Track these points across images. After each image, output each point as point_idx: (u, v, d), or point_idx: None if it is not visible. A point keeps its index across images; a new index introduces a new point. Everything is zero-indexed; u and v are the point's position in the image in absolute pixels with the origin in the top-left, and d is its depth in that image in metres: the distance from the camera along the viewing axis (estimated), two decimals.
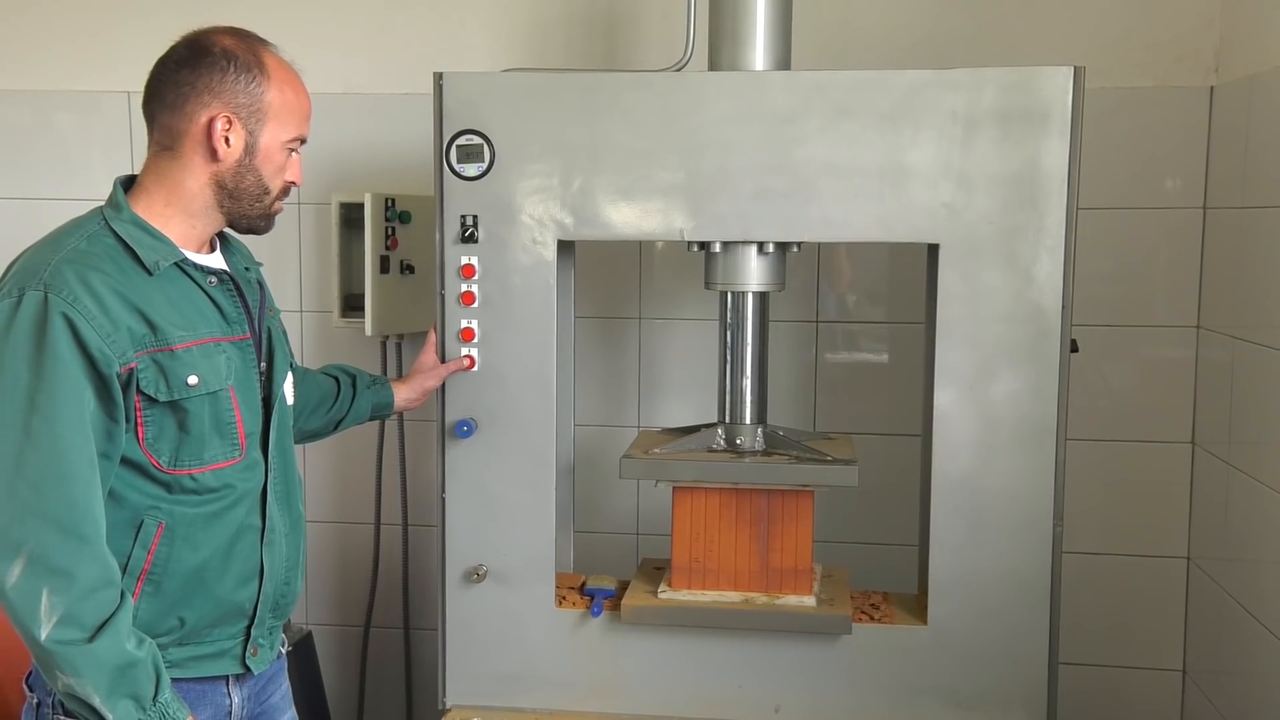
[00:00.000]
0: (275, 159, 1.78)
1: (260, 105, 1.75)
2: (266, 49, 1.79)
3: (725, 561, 2.30)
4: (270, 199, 1.81)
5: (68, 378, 1.59)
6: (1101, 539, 2.80)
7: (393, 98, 2.92)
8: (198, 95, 1.72)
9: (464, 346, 2.29)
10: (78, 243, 1.69)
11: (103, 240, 1.70)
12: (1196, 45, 2.68)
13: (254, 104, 1.74)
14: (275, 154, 1.78)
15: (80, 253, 1.67)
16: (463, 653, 2.35)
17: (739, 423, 2.36)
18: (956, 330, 2.18)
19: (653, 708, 2.31)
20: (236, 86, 1.73)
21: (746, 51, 2.27)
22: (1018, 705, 2.22)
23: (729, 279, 2.30)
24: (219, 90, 1.72)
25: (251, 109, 1.74)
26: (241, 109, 1.73)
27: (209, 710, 1.78)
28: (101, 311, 1.62)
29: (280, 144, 1.78)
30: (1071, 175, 2.12)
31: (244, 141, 1.74)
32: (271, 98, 1.75)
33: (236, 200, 1.77)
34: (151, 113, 1.77)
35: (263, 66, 1.75)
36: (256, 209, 1.80)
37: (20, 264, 1.69)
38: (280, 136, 1.78)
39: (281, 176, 1.81)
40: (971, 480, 2.20)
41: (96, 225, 1.72)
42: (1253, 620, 2.39)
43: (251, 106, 1.74)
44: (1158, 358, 2.76)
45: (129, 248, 1.70)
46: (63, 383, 1.59)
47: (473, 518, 2.32)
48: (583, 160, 2.22)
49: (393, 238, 2.76)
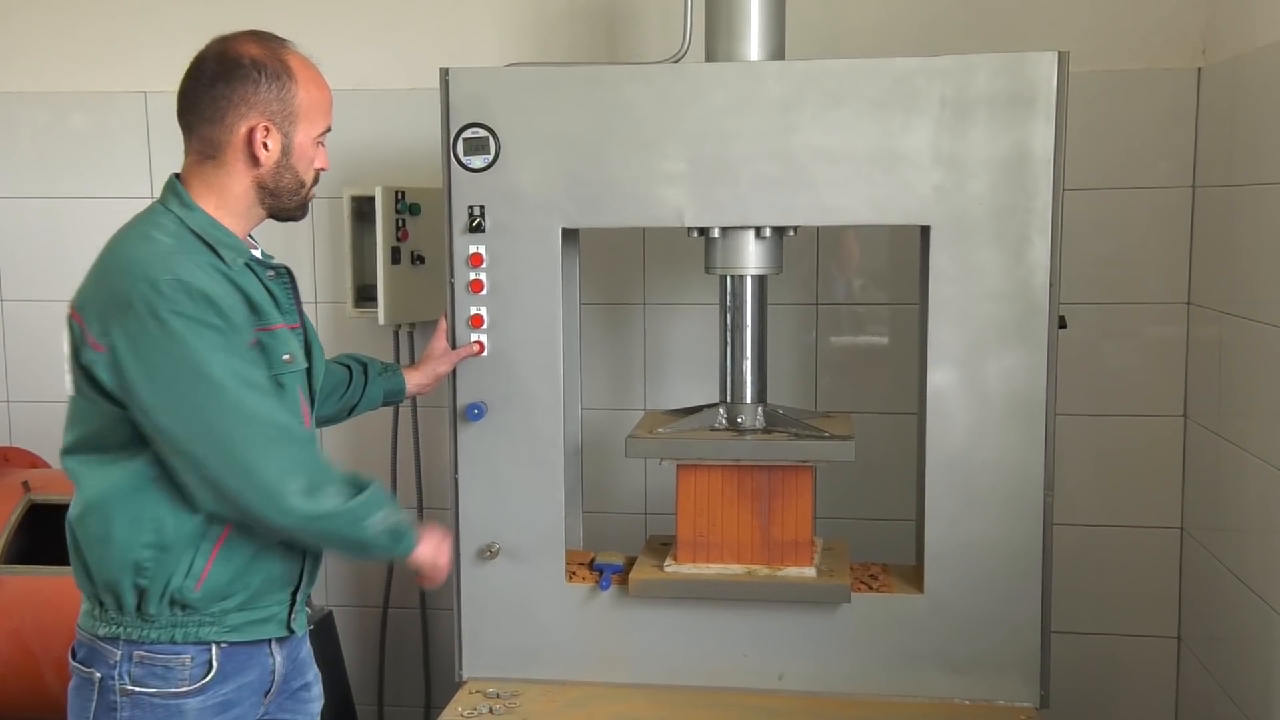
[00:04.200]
0: (308, 154, 1.90)
1: (291, 108, 1.85)
2: (288, 50, 1.89)
3: (729, 536, 2.38)
4: (306, 190, 1.93)
5: (228, 345, 1.74)
6: (1098, 511, 2.87)
7: (400, 93, 2.99)
8: (234, 108, 1.83)
9: (474, 333, 2.37)
10: (165, 239, 1.79)
11: (186, 237, 1.80)
12: (1184, 28, 2.74)
13: (286, 109, 1.85)
14: (308, 149, 1.90)
15: (176, 249, 1.77)
16: (477, 627, 2.44)
17: (740, 402, 2.43)
18: (948, 309, 2.25)
19: (660, 677, 2.39)
20: (270, 95, 1.83)
21: (742, 42, 2.34)
22: (1012, 670, 2.30)
23: (728, 263, 2.37)
24: (254, 101, 1.83)
25: (284, 113, 1.85)
26: (276, 115, 1.84)
27: (256, 671, 1.89)
28: (226, 293, 1.76)
29: (311, 139, 1.90)
30: (1058, 157, 2.19)
31: (280, 144, 1.86)
32: (301, 99, 1.86)
33: (277, 196, 1.89)
34: (188, 124, 1.87)
35: (289, 70, 1.85)
36: (294, 201, 1.92)
37: (118, 282, 1.73)
38: (311, 133, 1.89)
39: (311, 170, 1.93)
40: (965, 454, 2.27)
41: (174, 224, 1.82)
42: (1243, 587, 2.46)
43: (284, 111, 1.85)
44: (1150, 334, 2.83)
45: (207, 244, 1.81)
46: (224, 350, 1.74)
47: (485, 498, 2.41)
48: (585, 151, 2.29)
49: (403, 229, 2.84)
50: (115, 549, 1.77)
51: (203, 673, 1.81)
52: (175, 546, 1.77)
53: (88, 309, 1.76)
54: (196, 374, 1.71)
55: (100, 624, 1.82)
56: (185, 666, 1.80)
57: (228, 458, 1.73)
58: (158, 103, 3.13)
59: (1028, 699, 2.30)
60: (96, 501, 1.79)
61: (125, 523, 1.77)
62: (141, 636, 1.79)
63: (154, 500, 1.77)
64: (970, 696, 2.31)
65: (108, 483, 1.78)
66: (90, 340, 1.74)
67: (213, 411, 1.72)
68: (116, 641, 1.80)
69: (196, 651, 1.81)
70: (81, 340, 1.75)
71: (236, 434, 1.73)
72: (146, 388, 1.71)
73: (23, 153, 3.22)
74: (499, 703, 2.33)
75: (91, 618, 1.84)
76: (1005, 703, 2.30)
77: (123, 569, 1.77)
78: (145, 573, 1.77)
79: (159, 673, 1.79)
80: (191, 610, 1.80)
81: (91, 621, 1.83)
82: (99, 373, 1.73)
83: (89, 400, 1.77)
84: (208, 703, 1.82)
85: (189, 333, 1.71)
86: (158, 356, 1.71)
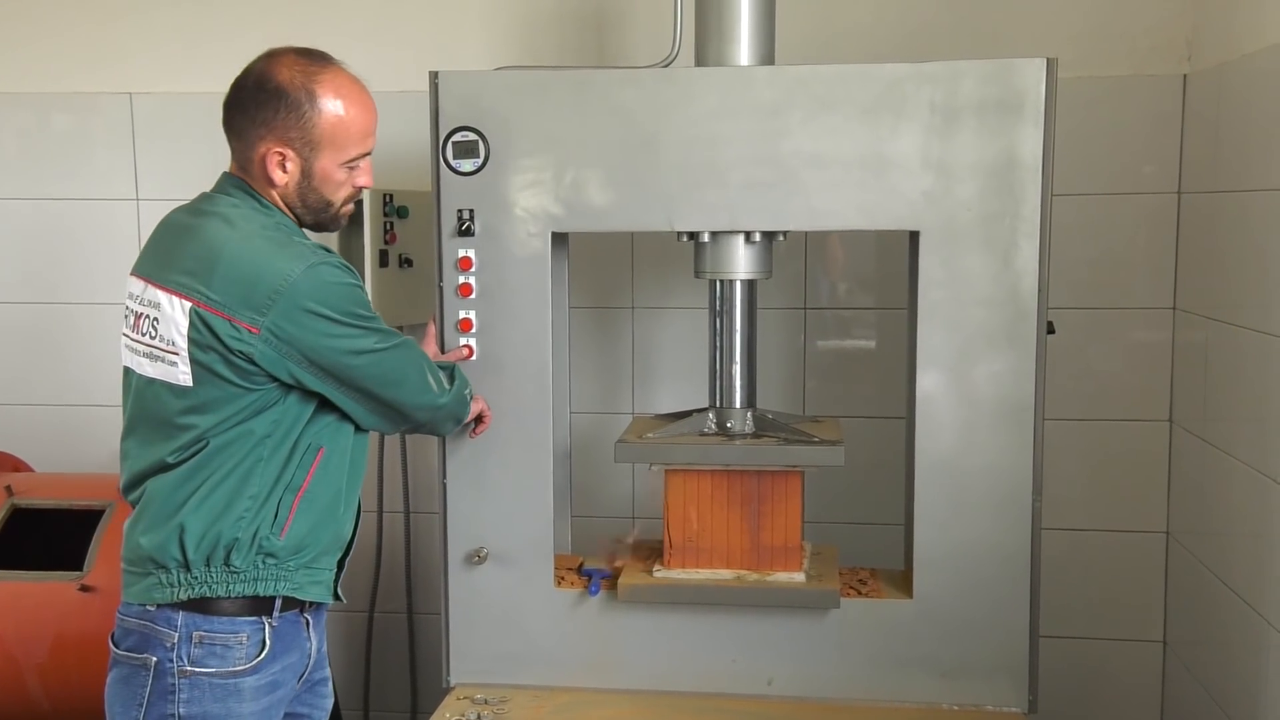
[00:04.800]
0: (334, 178, 1.94)
1: (312, 137, 1.89)
2: (326, 73, 1.90)
3: (718, 541, 2.38)
4: (335, 208, 1.99)
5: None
6: (1084, 516, 2.88)
7: (390, 96, 2.93)
8: (255, 130, 1.89)
9: (462, 337, 2.36)
10: (275, 233, 1.89)
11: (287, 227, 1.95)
12: (1170, 35, 2.75)
13: (305, 136, 1.88)
14: (333, 174, 1.93)
15: (307, 242, 1.92)
16: (465, 632, 2.43)
17: (729, 407, 2.43)
18: (937, 314, 2.25)
19: (649, 682, 2.39)
20: (288, 123, 1.87)
21: (732, 47, 2.34)
22: (1000, 674, 2.30)
23: (717, 268, 2.37)
24: (273, 125, 1.87)
25: (304, 140, 1.88)
26: (294, 141, 1.88)
27: (297, 653, 1.99)
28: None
29: (337, 165, 1.93)
30: (1046, 162, 2.20)
31: (300, 168, 1.90)
32: (323, 129, 1.89)
33: (306, 209, 1.96)
34: (228, 136, 1.95)
35: (314, 98, 1.88)
36: (325, 216, 1.99)
37: (270, 279, 1.83)
38: (336, 159, 1.92)
39: (343, 191, 1.97)
40: (954, 459, 2.27)
41: (275, 219, 1.92)
42: (1229, 591, 2.48)
43: (304, 139, 1.88)
44: (1136, 339, 2.84)
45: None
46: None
47: (473, 502, 2.40)
48: (575, 154, 2.29)
49: (391, 232, 2.83)
50: (228, 505, 1.87)
51: (257, 651, 1.91)
52: (264, 496, 1.89)
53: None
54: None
55: (173, 590, 1.87)
56: (242, 645, 1.89)
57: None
58: (143, 104, 3.11)
59: (1016, 704, 2.30)
60: (215, 462, 1.88)
61: (237, 480, 1.88)
62: (227, 592, 1.88)
63: (255, 457, 1.88)
64: (959, 701, 2.31)
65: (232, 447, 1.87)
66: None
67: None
68: (174, 623, 1.86)
69: (252, 630, 1.90)
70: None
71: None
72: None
73: (6, 153, 3.20)
74: (487, 708, 2.32)
75: (152, 591, 1.88)
76: (994, 707, 2.30)
77: (227, 522, 1.87)
78: (241, 523, 1.87)
79: (218, 652, 1.88)
80: (273, 561, 1.90)
81: (162, 591, 1.87)
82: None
83: (217, 387, 1.85)
84: (260, 682, 1.91)
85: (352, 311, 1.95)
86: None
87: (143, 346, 1.90)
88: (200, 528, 1.87)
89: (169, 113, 3.09)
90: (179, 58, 3.06)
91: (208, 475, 1.88)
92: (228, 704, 1.89)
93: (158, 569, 1.89)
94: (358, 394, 1.94)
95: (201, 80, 2.82)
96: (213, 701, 1.88)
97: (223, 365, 1.84)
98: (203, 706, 1.87)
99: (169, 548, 1.87)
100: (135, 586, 1.91)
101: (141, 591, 1.90)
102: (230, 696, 1.89)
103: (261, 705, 1.93)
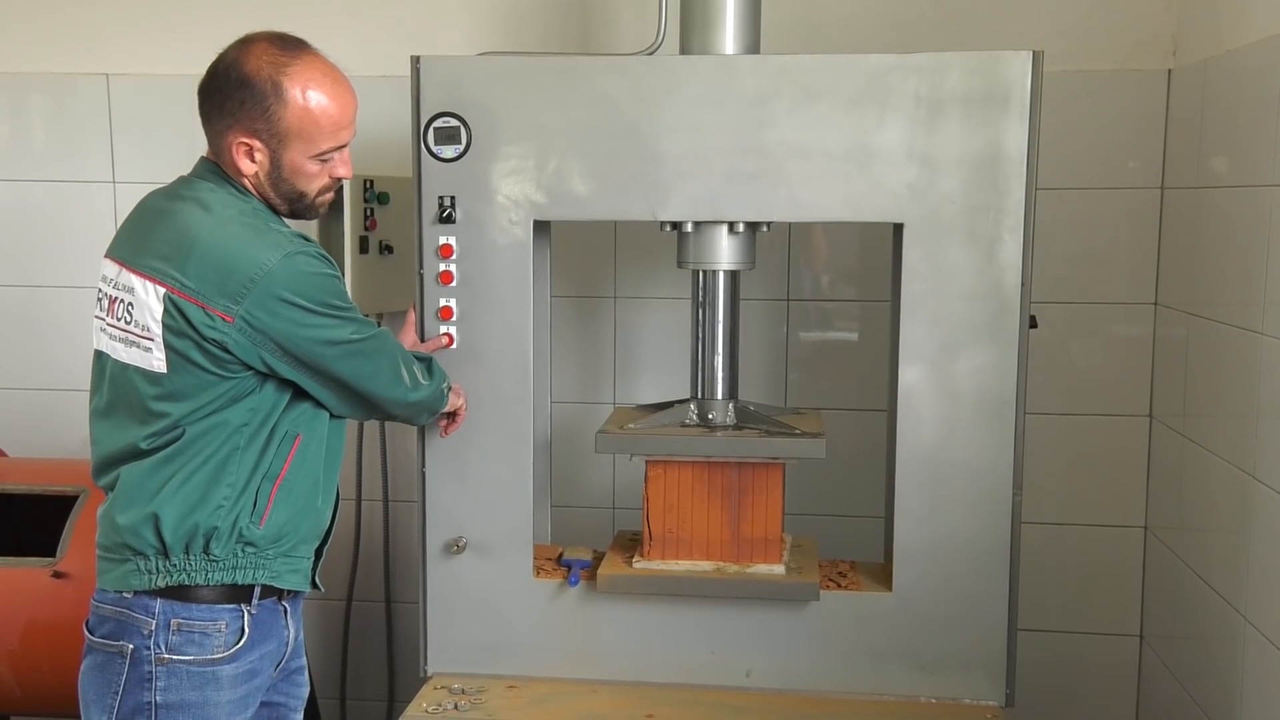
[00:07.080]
0: (305, 170, 1.90)
1: (278, 129, 1.85)
2: (296, 65, 1.86)
3: (698, 532, 2.37)
4: (310, 199, 1.95)
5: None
6: (1063, 510, 2.89)
7: (370, 80, 2.90)
8: (221, 118, 1.86)
9: (443, 325, 2.34)
10: (252, 219, 1.87)
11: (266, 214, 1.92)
12: (1154, 30, 2.75)
13: (272, 128, 1.85)
14: (304, 166, 1.90)
15: (285, 230, 1.90)
16: (443, 622, 2.42)
17: (711, 398, 2.42)
18: (920, 308, 2.25)
19: (628, 674, 2.38)
20: (253, 114, 1.84)
21: (717, 35, 2.33)
22: (978, 668, 2.31)
23: (700, 258, 2.36)
24: (238, 116, 1.85)
25: (270, 132, 1.85)
26: (261, 133, 1.85)
27: (274, 641, 1.99)
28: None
29: (307, 158, 1.89)
30: (1031, 156, 2.19)
31: (268, 159, 1.87)
32: (290, 123, 1.86)
33: (280, 198, 1.93)
34: (202, 121, 1.92)
35: (280, 91, 1.84)
36: (299, 206, 1.96)
37: (246, 267, 1.81)
38: (306, 152, 1.88)
39: (317, 182, 1.94)
40: (935, 453, 2.27)
41: (252, 205, 1.90)
42: (1205, 586, 2.49)
43: (270, 130, 1.85)
44: (1117, 334, 2.85)
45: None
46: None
47: (453, 491, 2.38)
48: (558, 142, 2.27)
49: (371, 218, 2.80)
50: (205, 494, 1.86)
51: (236, 639, 1.90)
52: (242, 485, 1.88)
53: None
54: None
55: (150, 576, 1.85)
56: (221, 633, 1.88)
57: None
58: (120, 85, 3.07)
59: (993, 697, 2.31)
60: (191, 450, 1.86)
61: (213, 469, 1.86)
62: (206, 580, 1.86)
63: (232, 445, 1.87)
64: (936, 694, 2.32)
65: (208, 435, 1.86)
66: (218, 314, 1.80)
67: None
68: (152, 610, 1.85)
69: (231, 618, 1.89)
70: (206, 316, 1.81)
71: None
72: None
73: None
74: (464, 699, 2.31)
75: (129, 578, 1.86)
76: (971, 701, 2.31)
77: (205, 511, 1.85)
78: (220, 512, 1.86)
79: (197, 639, 1.87)
80: (252, 550, 1.89)
81: (140, 578, 1.85)
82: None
83: (191, 374, 1.83)
84: (238, 670, 1.90)
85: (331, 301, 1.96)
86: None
87: (118, 331, 1.88)
88: (176, 516, 1.85)
89: (146, 95, 3.05)
90: (157, 39, 3.02)
91: (184, 463, 1.86)
92: (205, 692, 1.87)
93: (135, 555, 1.87)
94: (331, 384, 1.93)
95: (179, 62, 2.78)
96: (190, 689, 1.86)
97: (197, 352, 1.82)
98: (180, 694, 1.86)
99: (144, 534, 1.86)
100: (112, 573, 1.90)
101: (118, 578, 1.88)
102: (208, 684, 1.88)
103: (239, 693, 1.92)
